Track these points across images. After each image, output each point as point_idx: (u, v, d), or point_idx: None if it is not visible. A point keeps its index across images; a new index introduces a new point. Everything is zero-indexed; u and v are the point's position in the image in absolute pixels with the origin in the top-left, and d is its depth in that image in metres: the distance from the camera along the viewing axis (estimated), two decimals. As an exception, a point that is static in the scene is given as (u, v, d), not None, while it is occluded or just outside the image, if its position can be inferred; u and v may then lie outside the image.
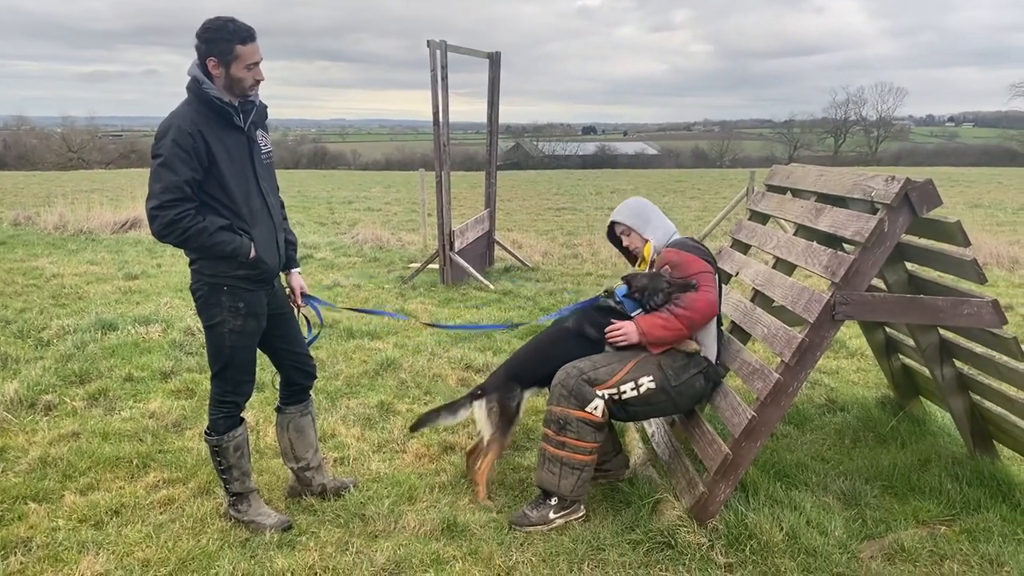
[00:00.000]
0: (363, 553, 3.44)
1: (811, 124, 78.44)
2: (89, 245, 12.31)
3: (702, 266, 3.81)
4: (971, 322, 3.56)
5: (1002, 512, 3.81)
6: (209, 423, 3.63)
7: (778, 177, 4.85)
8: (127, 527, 3.62)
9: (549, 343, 4.09)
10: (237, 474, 3.65)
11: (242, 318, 3.46)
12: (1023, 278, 10.00)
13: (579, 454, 3.70)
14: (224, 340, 3.47)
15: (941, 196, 3.41)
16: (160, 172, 3.21)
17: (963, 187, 27.07)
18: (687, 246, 3.93)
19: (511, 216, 18.62)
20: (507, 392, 3.95)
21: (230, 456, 3.62)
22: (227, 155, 3.34)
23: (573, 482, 3.70)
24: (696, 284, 3.76)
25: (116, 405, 5.18)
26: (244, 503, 3.70)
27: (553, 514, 3.71)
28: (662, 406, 3.84)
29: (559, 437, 3.71)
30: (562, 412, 3.71)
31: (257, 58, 3.34)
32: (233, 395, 3.60)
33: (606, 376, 3.73)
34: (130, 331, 6.71)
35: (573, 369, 3.77)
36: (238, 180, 3.40)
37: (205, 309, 3.47)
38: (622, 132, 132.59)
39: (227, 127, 3.36)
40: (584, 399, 3.69)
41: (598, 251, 12.16)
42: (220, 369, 3.55)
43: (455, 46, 9.13)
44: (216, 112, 3.31)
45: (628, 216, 4.09)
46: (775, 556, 3.40)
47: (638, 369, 3.76)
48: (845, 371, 6.18)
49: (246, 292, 3.46)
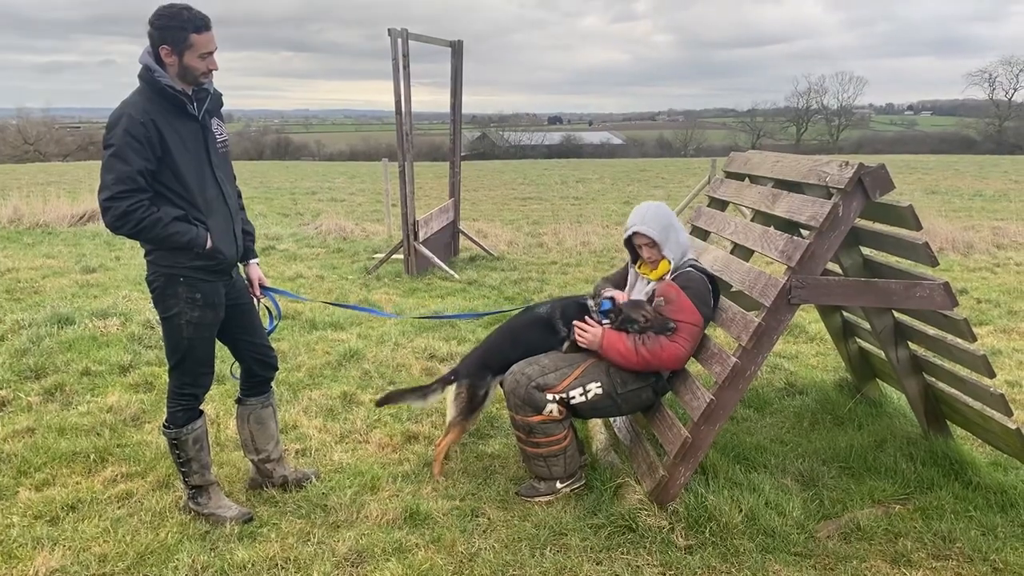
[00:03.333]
0: (325, 543, 3.43)
1: (773, 113, 79.27)
2: (45, 238, 12.07)
3: (693, 317, 3.75)
4: (923, 304, 3.62)
5: (954, 490, 3.90)
6: (167, 416, 3.58)
7: (736, 164, 4.89)
8: (84, 522, 3.56)
9: (520, 328, 4.12)
10: (196, 467, 3.61)
11: (199, 309, 3.42)
12: (977, 263, 10.21)
13: (555, 444, 3.81)
14: (181, 332, 3.43)
15: (899, 183, 3.47)
16: (112, 162, 3.14)
17: (921, 174, 27.52)
18: (693, 287, 3.81)
19: (477, 206, 18.59)
20: (478, 379, 3.99)
21: (189, 449, 3.58)
22: (181, 144, 3.28)
23: (563, 463, 3.84)
24: (674, 329, 3.73)
25: (73, 400, 5.10)
26: (204, 496, 3.66)
27: (560, 483, 3.87)
28: (607, 410, 3.96)
29: (531, 439, 3.82)
30: (523, 420, 3.81)
31: (212, 47, 3.28)
32: (192, 387, 3.56)
33: (555, 381, 3.79)
34: (87, 325, 6.59)
35: (523, 377, 3.81)
36: (192, 169, 3.33)
37: (161, 300, 3.42)
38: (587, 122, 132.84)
39: (181, 116, 3.31)
40: (537, 405, 3.76)
41: (563, 240, 12.18)
42: (178, 361, 3.51)
43: (417, 35, 9.07)
44: (169, 100, 3.25)
45: (653, 229, 3.88)
46: (734, 537, 3.45)
47: (587, 375, 3.81)
48: (804, 355, 6.27)
49: (203, 283, 3.42)
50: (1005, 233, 12.23)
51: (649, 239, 3.91)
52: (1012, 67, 66.73)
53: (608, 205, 18.21)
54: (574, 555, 3.37)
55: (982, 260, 10.42)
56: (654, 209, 3.97)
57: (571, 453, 3.85)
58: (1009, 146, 55.47)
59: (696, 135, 75.61)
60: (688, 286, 3.81)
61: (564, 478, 3.87)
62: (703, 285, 3.87)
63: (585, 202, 19.29)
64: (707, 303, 3.86)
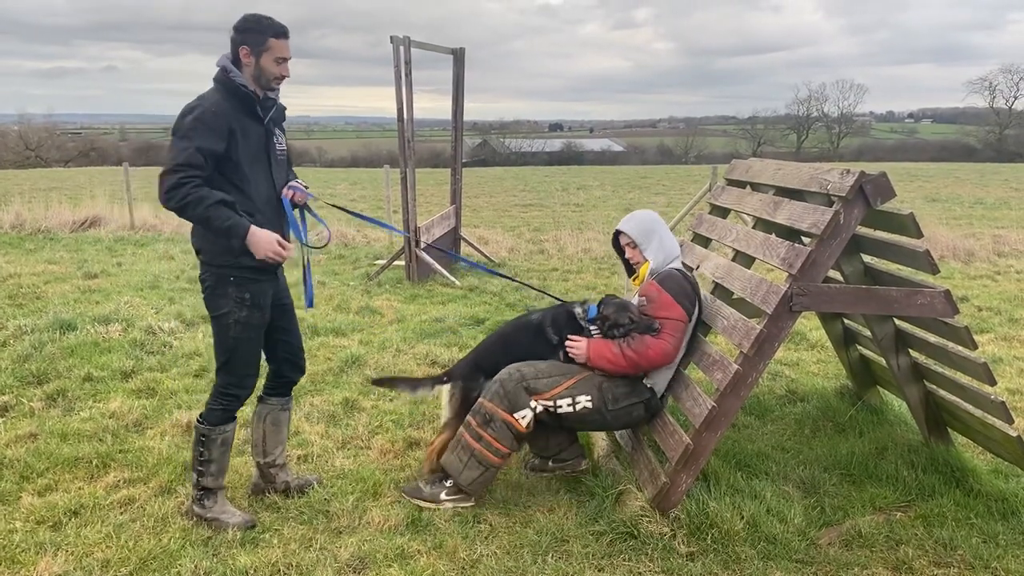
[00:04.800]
0: (327, 549, 3.43)
1: (774, 120, 79.32)
2: (47, 244, 12.09)
3: (675, 312, 3.77)
4: (924, 312, 3.64)
5: (955, 497, 3.90)
6: (205, 411, 3.64)
7: (737, 171, 4.91)
8: (86, 528, 3.57)
9: (512, 333, 4.15)
10: (215, 469, 3.65)
11: (247, 309, 3.50)
12: (978, 270, 10.23)
13: (491, 453, 3.75)
14: (229, 331, 3.51)
15: (900, 191, 3.50)
16: (175, 143, 3.27)
17: (922, 182, 27.57)
18: (672, 284, 3.85)
19: (478, 213, 18.63)
20: (471, 382, 4.01)
21: (215, 450, 3.63)
22: (246, 142, 3.41)
23: (475, 476, 3.76)
24: (659, 328, 3.75)
25: (75, 405, 5.11)
26: (211, 499, 3.68)
27: (445, 495, 3.80)
28: (596, 424, 3.95)
29: (479, 430, 3.76)
30: (491, 409, 3.76)
31: (287, 54, 3.46)
32: (236, 388, 3.62)
33: (546, 387, 3.78)
34: (89, 331, 6.60)
35: (516, 372, 3.81)
36: (252, 166, 3.46)
37: (211, 299, 3.52)
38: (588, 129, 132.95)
39: (250, 116, 3.44)
40: (516, 405, 3.74)
41: (564, 247, 12.21)
42: (225, 361, 3.58)
43: (419, 42, 9.10)
44: (241, 100, 3.39)
45: (634, 229, 4.05)
46: (736, 544, 3.46)
47: (579, 387, 3.81)
48: (805, 362, 6.28)
49: (252, 283, 3.50)
50: (1006, 241, 12.25)
51: (629, 238, 4.06)
52: (1012, 75, 66.95)
53: (609, 212, 18.23)
54: (576, 562, 3.38)
55: (983, 268, 10.44)
56: (640, 214, 4.15)
57: (488, 477, 3.79)
58: (1009, 154, 55.53)
59: (697, 142, 75.66)
60: (666, 282, 3.85)
61: (455, 490, 3.79)
62: (684, 281, 3.90)
63: (586, 209, 19.33)
64: (689, 298, 3.85)
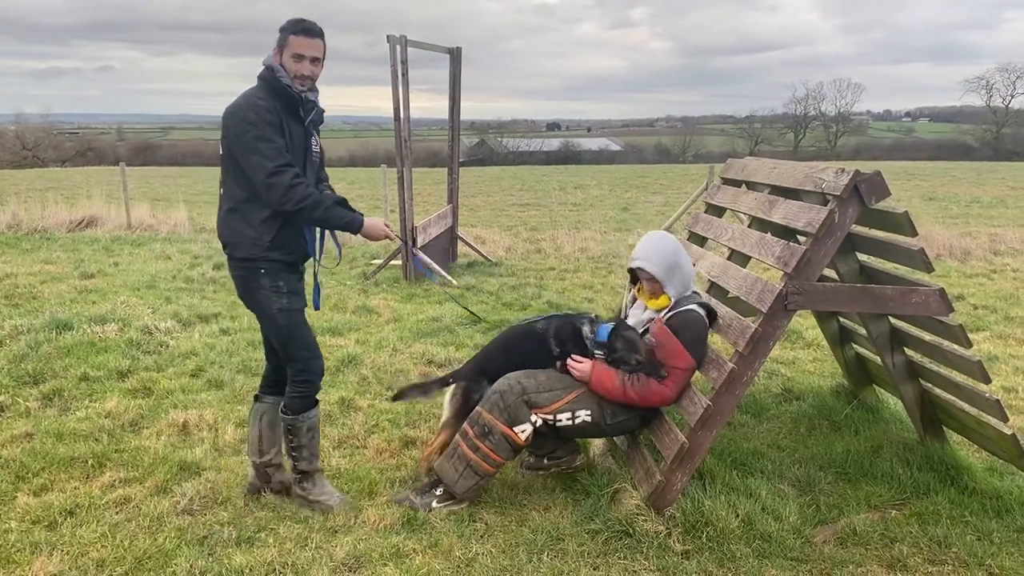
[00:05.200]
0: (323, 548, 3.43)
1: (771, 119, 79.40)
2: (44, 244, 12.07)
3: (683, 361, 3.71)
4: (919, 310, 3.64)
5: (950, 495, 3.91)
6: (286, 401, 3.73)
7: (733, 170, 4.92)
8: (82, 527, 3.56)
9: (517, 339, 4.14)
10: (307, 454, 3.76)
11: (286, 296, 3.57)
12: (974, 269, 10.25)
13: (487, 464, 3.74)
14: (277, 321, 3.59)
15: (897, 189, 3.52)
16: (257, 143, 3.34)
17: (919, 180, 27.60)
18: (688, 333, 3.74)
19: (475, 212, 18.63)
20: (474, 384, 4.01)
21: (302, 436, 3.72)
22: (290, 141, 3.48)
23: (470, 485, 3.75)
24: (665, 376, 3.72)
25: (71, 405, 5.10)
26: (309, 481, 3.79)
27: (437, 503, 3.79)
28: (592, 434, 4.01)
29: (477, 441, 3.74)
30: (490, 421, 3.74)
31: (304, 51, 3.45)
32: (306, 373, 3.68)
33: (547, 401, 3.77)
34: (86, 330, 6.59)
35: (517, 385, 3.79)
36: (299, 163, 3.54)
37: (249, 296, 3.60)
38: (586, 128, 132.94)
39: (293, 116, 3.51)
40: (517, 419, 3.73)
41: (561, 246, 12.21)
42: (285, 351, 3.66)
43: (415, 41, 9.10)
44: (284, 100, 3.46)
45: (658, 266, 3.85)
46: (731, 542, 3.47)
47: (580, 401, 3.80)
48: (801, 361, 6.29)
49: (282, 272, 3.58)
50: (1002, 240, 12.27)
51: (650, 275, 3.89)
52: (1009, 74, 67.01)
53: (606, 211, 18.25)
54: (571, 560, 3.38)
55: (979, 266, 10.46)
56: (661, 245, 3.91)
57: (483, 484, 3.78)
58: (1006, 152, 55.62)
59: (694, 141, 75.67)
60: (684, 328, 3.76)
61: (446, 497, 3.77)
62: (700, 327, 3.80)
63: (583, 208, 19.33)
64: (702, 344, 3.79)
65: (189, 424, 4.75)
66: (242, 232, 3.49)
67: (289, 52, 3.44)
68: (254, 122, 3.34)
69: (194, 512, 3.74)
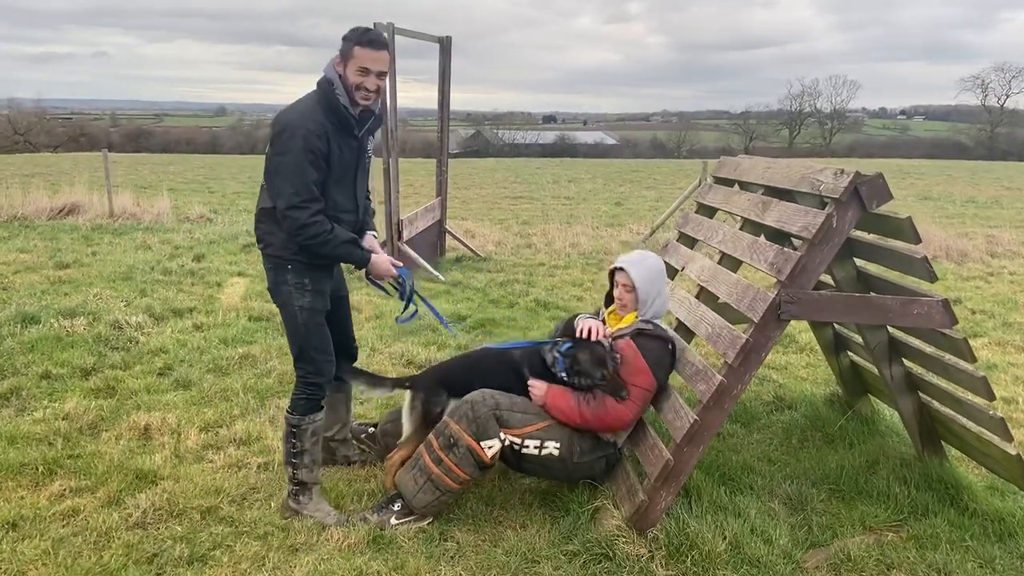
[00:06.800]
0: (280, 569, 3.21)
1: (767, 116, 79.19)
2: (22, 232, 11.74)
3: (646, 381, 3.58)
4: (920, 322, 3.43)
5: (950, 517, 3.71)
6: (291, 403, 3.66)
7: (726, 169, 4.69)
8: (23, 542, 3.33)
9: (491, 362, 3.91)
10: (308, 460, 3.64)
11: (309, 295, 3.53)
12: (971, 271, 10.05)
13: (450, 479, 3.51)
14: (297, 319, 3.55)
15: (892, 189, 3.29)
16: (289, 172, 3.31)
17: (914, 179, 27.41)
18: (654, 351, 3.63)
19: (467, 205, 18.34)
20: (435, 396, 3.77)
21: (306, 440, 3.62)
22: (340, 158, 3.44)
23: (429, 500, 3.54)
24: (625, 396, 3.55)
25: (29, 405, 4.86)
26: (306, 495, 3.66)
27: (395, 519, 3.57)
28: (554, 472, 3.70)
29: (441, 453, 3.52)
30: (457, 432, 3.51)
31: (370, 64, 3.35)
32: (315, 376, 3.62)
33: (518, 423, 3.56)
34: (53, 324, 6.33)
35: (491, 399, 3.58)
36: (339, 183, 3.50)
37: (275, 290, 3.59)
38: (582, 121, 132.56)
39: (346, 134, 3.46)
40: (485, 433, 3.51)
41: (552, 241, 11.98)
42: (299, 350, 3.61)
43: (403, 29, 8.84)
44: (339, 118, 3.40)
45: (642, 278, 3.75)
46: (717, 567, 3.26)
47: (551, 431, 3.59)
48: (794, 366, 6.07)
49: (310, 270, 3.53)
50: (999, 241, 12.08)
51: (632, 286, 3.76)
52: (1004, 73, 66.95)
53: (599, 206, 17.99)
54: (546, 585, 3.17)
55: (976, 269, 10.27)
56: (651, 262, 3.84)
57: (444, 501, 3.56)
58: (1001, 152, 55.52)
59: (690, 136, 75.47)
60: (648, 348, 3.64)
61: (404, 513, 3.57)
62: (664, 351, 3.68)
63: (576, 202, 19.07)
64: (665, 368, 3.67)
65: (151, 428, 4.52)
66: (274, 234, 3.51)
67: (355, 65, 3.34)
68: (297, 150, 3.28)
69: (147, 525, 3.52)
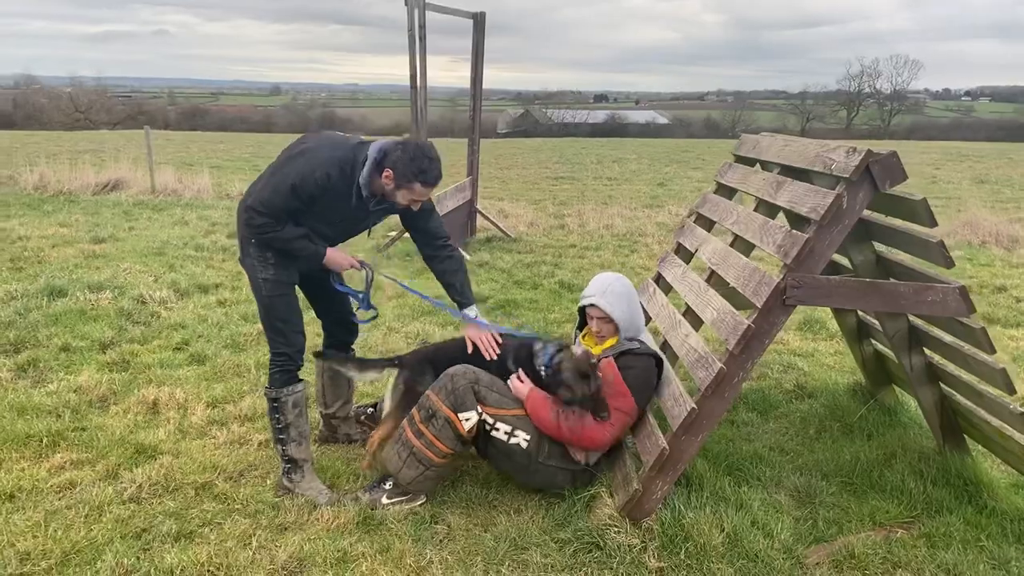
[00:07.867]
0: (265, 548, 3.18)
1: (825, 96, 77.29)
2: (66, 206, 12.00)
3: (627, 404, 3.47)
4: (935, 310, 3.24)
5: (966, 515, 3.52)
6: (268, 378, 3.67)
7: (746, 147, 4.51)
8: (17, 514, 3.35)
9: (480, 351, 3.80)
10: (295, 434, 3.63)
11: (272, 268, 3.54)
12: (1022, 258, 9.62)
13: (431, 452, 3.45)
14: (262, 290, 3.57)
15: (948, 171, 3.16)
16: (274, 189, 3.38)
17: (972, 162, 26.41)
18: (636, 374, 3.52)
19: (506, 185, 18.21)
20: (419, 375, 3.71)
21: (288, 412, 3.61)
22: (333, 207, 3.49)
23: (414, 475, 3.47)
24: (606, 417, 3.42)
25: (45, 377, 4.93)
26: (298, 472, 3.64)
27: (386, 499, 3.52)
28: (516, 465, 3.56)
29: (421, 425, 3.47)
30: (436, 403, 3.45)
31: (421, 198, 3.52)
32: (284, 346, 3.62)
33: (495, 403, 3.48)
34: (79, 298, 6.43)
35: (471, 373, 3.51)
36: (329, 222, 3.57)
37: (243, 262, 3.63)
38: (634, 101, 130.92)
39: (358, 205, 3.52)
40: (463, 404, 3.43)
41: (586, 222, 11.82)
42: (264, 320, 3.64)
43: (434, 5, 8.73)
44: (355, 195, 3.47)
45: (617, 309, 3.64)
46: (711, 561, 3.13)
47: (524, 421, 3.49)
48: (821, 354, 5.87)
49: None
50: (1056, 227, 11.55)
51: (606, 315, 3.65)
52: (1078, 52, 64.12)
53: (640, 187, 17.71)
54: (532, 572, 3.09)
55: (1027, 255, 9.83)
56: (617, 285, 3.71)
57: (431, 475, 3.48)
58: (1071, 135, 53.28)
59: (745, 116, 74.07)
60: (631, 367, 3.52)
61: (395, 493, 3.52)
62: (649, 373, 3.58)
63: (618, 183, 18.80)
64: (647, 391, 3.55)
65: (159, 402, 4.54)
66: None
67: (409, 196, 3.47)
68: (299, 184, 3.34)
69: (140, 500, 3.52)
